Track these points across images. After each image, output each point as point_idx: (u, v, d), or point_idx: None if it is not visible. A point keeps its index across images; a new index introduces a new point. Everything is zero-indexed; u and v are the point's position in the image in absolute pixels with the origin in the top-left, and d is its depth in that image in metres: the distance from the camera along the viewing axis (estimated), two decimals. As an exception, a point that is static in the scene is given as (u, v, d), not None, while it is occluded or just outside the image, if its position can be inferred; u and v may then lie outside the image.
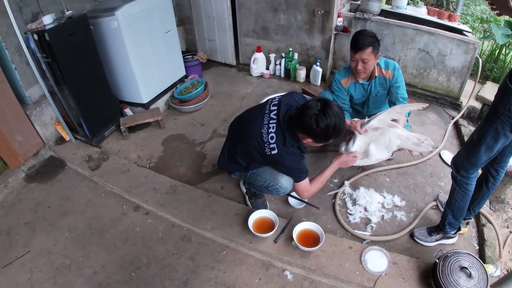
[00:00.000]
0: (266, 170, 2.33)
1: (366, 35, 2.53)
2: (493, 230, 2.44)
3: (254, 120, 2.18)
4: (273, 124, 2.08)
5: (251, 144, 2.13)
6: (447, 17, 3.93)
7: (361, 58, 2.55)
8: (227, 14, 4.39)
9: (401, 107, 2.53)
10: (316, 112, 1.87)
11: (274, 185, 2.32)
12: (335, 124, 1.88)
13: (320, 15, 3.99)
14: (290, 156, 2.10)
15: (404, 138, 2.45)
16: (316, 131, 1.90)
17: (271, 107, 2.15)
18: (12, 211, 2.86)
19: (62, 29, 2.84)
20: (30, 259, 2.47)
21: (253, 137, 2.11)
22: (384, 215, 2.61)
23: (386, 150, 2.52)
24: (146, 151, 3.42)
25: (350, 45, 2.59)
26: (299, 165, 2.17)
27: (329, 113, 1.86)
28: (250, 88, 4.42)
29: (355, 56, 2.56)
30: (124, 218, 2.74)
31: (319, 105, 1.89)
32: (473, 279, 1.85)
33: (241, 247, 2.43)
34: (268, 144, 2.06)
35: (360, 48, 2.51)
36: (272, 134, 2.06)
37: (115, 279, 2.30)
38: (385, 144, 2.47)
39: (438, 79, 3.90)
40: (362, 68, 2.60)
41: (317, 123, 1.87)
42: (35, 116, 3.24)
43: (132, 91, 3.73)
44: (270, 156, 2.08)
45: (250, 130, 2.16)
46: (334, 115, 1.87)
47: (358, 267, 2.16)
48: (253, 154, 2.17)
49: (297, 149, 2.14)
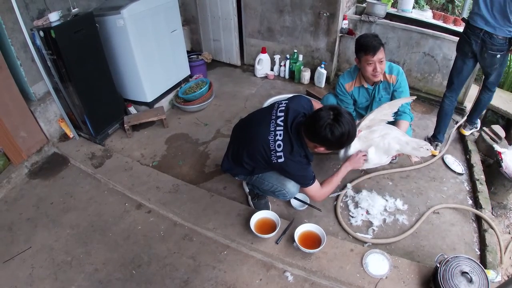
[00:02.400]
0: (273, 175, 2.31)
1: (372, 36, 2.52)
2: (494, 235, 2.43)
3: (260, 125, 2.15)
4: (280, 132, 2.05)
5: (257, 150, 2.11)
6: (453, 21, 3.93)
7: (379, 59, 2.50)
8: (232, 14, 4.40)
9: (389, 105, 2.50)
10: (330, 122, 1.85)
11: (281, 190, 2.31)
12: (349, 132, 1.88)
13: (326, 17, 3.98)
14: (296, 165, 2.08)
15: (403, 143, 2.43)
16: (331, 140, 1.89)
17: (278, 113, 2.12)
18: (14, 207, 2.88)
19: (68, 26, 2.85)
20: (31, 254, 2.48)
21: (259, 144, 2.09)
22: (386, 219, 2.60)
23: (385, 154, 2.50)
24: (150, 150, 3.42)
25: (362, 50, 2.52)
26: (305, 173, 2.15)
27: (343, 122, 1.85)
28: (254, 89, 4.42)
29: (372, 58, 2.49)
30: (126, 216, 2.75)
31: (331, 114, 1.87)
32: (473, 284, 1.84)
33: (243, 247, 2.43)
34: (275, 152, 2.04)
35: (376, 49, 2.46)
36: (279, 142, 2.03)
37: (116, 277, 2.30)
38: (384, 148, 2.46)
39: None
40: (380, 69, 2.55)
41: (332, 133, 1.86)
42: (40, 112, 3.26)
43: (137, 90, 3.74)
44: (276, 164, 2.06)
45: (256, 136, 2.13)
46: (348, 123, 1.87)
47: (359, 270, 2.15)
48: (259, 160, 2.14)
49: (303, 157, 2.11)
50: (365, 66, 2.58)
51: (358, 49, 2.57)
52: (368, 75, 2.61)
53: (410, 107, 2.76)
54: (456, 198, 2.79)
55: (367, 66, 2.56)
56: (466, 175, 3.01)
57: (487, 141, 3.23)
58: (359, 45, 2.55)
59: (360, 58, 2.58)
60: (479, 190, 2.78)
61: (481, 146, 3.30)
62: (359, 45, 2.55)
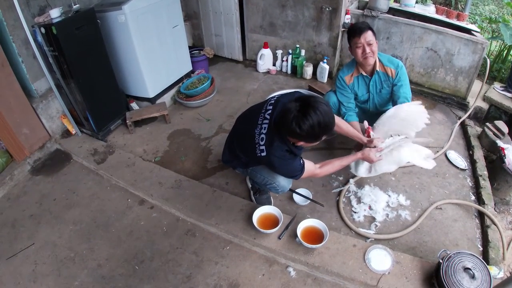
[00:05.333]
0: (264, 168, 2.30)
1: (360, 22, 2.66)
2: (497, 231, 2.43)
3: (251, 119, 2.15)
4: (265, 125, 2.03)
5: (246, 143, 2.12)
6: (456, 16, 3.89)
7: (366, 41, 2.54)
8: (234, 9, 4.39)
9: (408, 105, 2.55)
10: (296, 114, 1.77)
11: (272, 183, 2.31)
12: (319, 122, 1.78)
13: (328, 12, 3.96)
14: (278, 160, 2.02)
15: (413, 152, 2.48)
16: (301, 135, 1.81)
17: (268, 106, 2.10)
18: (17, 203, 2.89)
19: (69, 22, 2.84)
20: (35, 251, 2.49)
21: (247, 137, 2.09)
22: (389, 214, 2.60)
23: (395, 164, 2.52)
24: (152, 146, 3.43)
25: (350, 35, 2.62)
26: (289, 167, 2.09)
27: (310, 113, 1.76)
28: (256, 84, 4.41)
29: (359, 40, 2.54)
30: (128, 211, 2.75)
31: (298, 105, 1.79)
32: (476, 280, 1.84)
33: (245, 243, 2.43)
34: (259, 146, 2.02)
35: (362, 30, 2.53)
36: (263, 135, 2.01)
37: (119, 272, 2.31)
38: (394, 159, 2.48)
39: (445, 79, 3.88)
40: (370, 50, 2.57)
41: (299, 127, 1.77)
42: (42, 109, 3.25)
43: (139, 86, 3.73)
44: (260, 158, 2.04)
45: (246, 129, 2.14)
46: (316, 114, 1.76)
47: (362, 265, 2.15)
48: (248, 153, 2.16)
49: (286, 152, 2.04)
50: (355, 50, 2.64)
51: (348, 36, 2.67)
52: (359, 58, 2.65)
53: (410, 100, 2.75)
54: (458, 193, 2.78)
55: (356, 49, 2.62)
56: (469, 171, 3.01)
57: (490, 137, 3.22)
58: (348, 32, 2.66)
59: (351, 44, 2.65)
60: (482, 186, 2.77)
61: (484, 141, 3.29)
62: (348, 31, 2.66)
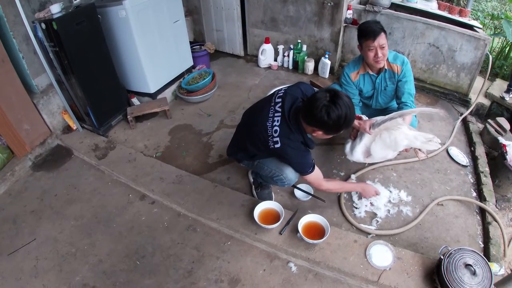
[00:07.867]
0: (272, 160, 2.32)
1: (373, 22, 2.54)
2: (498, 228, 2.42)
3: (261, 112, 2.16)
4: (278, 117, 2.06)
5: (257, 136, 2.12)
6: (458, 12, 3.87)
7: (380, 44, 2.49)
8: (235, 4, 4.37)
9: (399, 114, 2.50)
10: (326, 103, 1.83)
11: (279, 175, 2.31)
12: (346, 115, 1.84)
13: (330, 7, 3.94)
14: (293, 151, 2.07)
15: (411, 138, 2.42)
16: (327, 123, 1.86)
17: (276, 99, 2.13)
18: (18, 199, 2.89)
19: (70, 18, 2.83)
20: (36, 246, 2.50)
21: (258, 130, 2.10)
22: (390, 210, 2.60)
23: (392, 149, 2.50)
24: (153, 141, 3.42)
25: (362, 36, 2.54)
26: (303, 160, 2.14)
27: (340, 104, 1.82)
28: (257, 80, 4.40)
29: (373, 43, 2.49)
30: (130, 207, 2.76)
31: (328, 96, 1.85)
32: (477, 276, 1.84)
33: (246, 238, 2.44)
34: (272, 138, 2.04)
35: (377, 33, 2.46)
36: (276, 127, 2.04)
37: (120, 268, 2.32)
38: (391, 143, 2.45)
39: (447, 75, 3.86)
40: (382, 54, 2.54)
41: (328, 115, 1.83)
42: (42, 105, 3.25)
43: (140, 81, 3.72)
44: (273, 150, 2.06)
45: (256, 122, 2.15)
46: (345, 105, 1.83)
47: (363, 261, 2.16)
48: (259, 146, 2.16)
49: (301, 143, 2.10)
50: (366, 52, 2.58)
51: (359, 35, 2.58)
52: (370, 61, 2.61)
53: (413, 99, 2.74)
54: (460, 190, 2.78)
55: (368, 52, 2.57)
56: (471, 167, 3.00)
57: (491, 134, 3.21)
58: (360, 31, 2.57)
59: (362, 44, 2.59)
60: (483, 183, 2.76)
61: (485, 138, 3.28)
62: (360, 31, 2.57)
